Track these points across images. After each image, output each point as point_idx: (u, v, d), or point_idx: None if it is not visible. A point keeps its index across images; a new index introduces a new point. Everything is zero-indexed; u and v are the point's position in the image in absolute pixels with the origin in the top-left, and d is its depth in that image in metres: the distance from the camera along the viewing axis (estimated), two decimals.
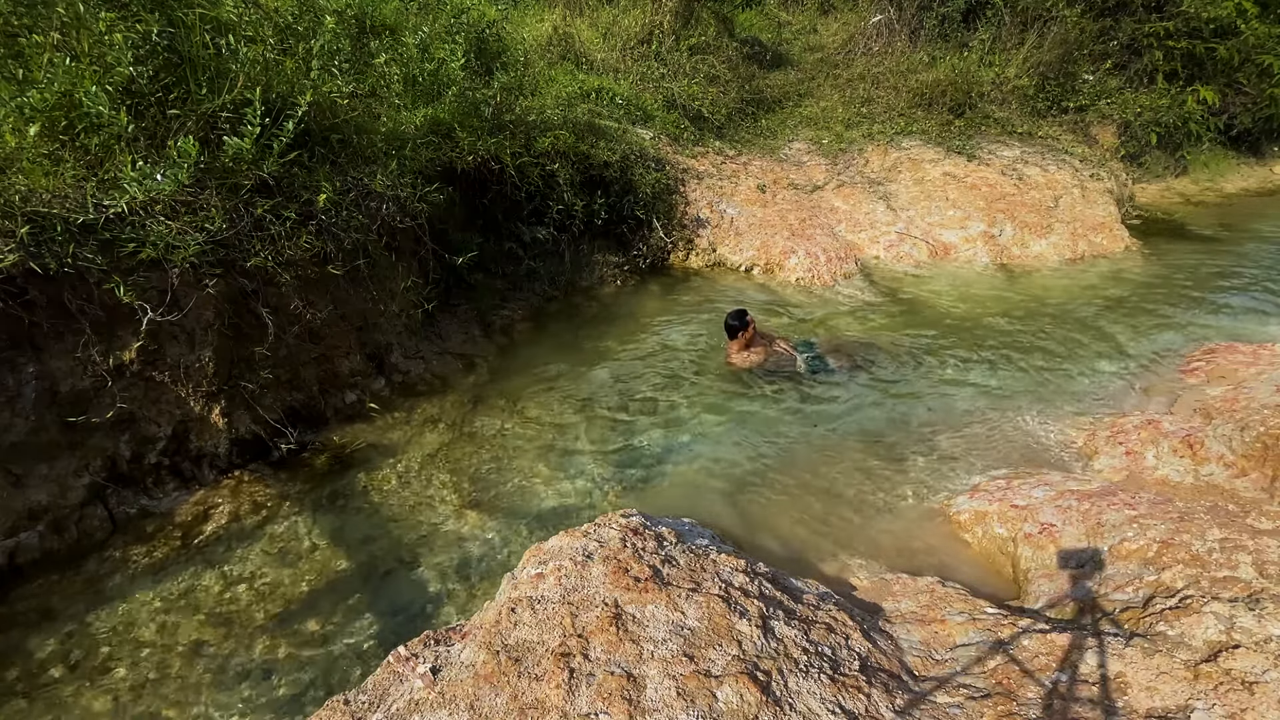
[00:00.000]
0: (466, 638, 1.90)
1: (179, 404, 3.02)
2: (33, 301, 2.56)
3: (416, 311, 4.05)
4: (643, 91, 6.78)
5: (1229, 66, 8.96)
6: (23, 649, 2.38)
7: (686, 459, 3.52)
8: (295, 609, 2.59)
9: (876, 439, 3.65)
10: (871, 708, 1.73)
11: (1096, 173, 7.20)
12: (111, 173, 2.67)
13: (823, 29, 9.33)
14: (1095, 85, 8.28)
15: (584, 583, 2.00)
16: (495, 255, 4.88)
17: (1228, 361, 4.03)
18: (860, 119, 7.62)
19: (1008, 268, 6.25)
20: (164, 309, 2.73)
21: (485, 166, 4.57)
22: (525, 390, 4.09)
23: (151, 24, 2.79)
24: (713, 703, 1.65)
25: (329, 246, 3.31)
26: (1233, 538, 2.32)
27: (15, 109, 2.53)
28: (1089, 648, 1.95)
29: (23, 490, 2.64)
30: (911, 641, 2.11)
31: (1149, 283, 5.94)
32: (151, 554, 2.79)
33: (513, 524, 3.05)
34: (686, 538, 2.37)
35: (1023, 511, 2.87)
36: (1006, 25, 8.28)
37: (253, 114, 2.85)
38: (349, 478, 3.28)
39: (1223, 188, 9.57)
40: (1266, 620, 1.90)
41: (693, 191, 6.19)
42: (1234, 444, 3.04)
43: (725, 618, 1.90)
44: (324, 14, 3.68)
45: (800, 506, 3.15)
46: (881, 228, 6.43)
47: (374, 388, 3.80)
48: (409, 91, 4.33)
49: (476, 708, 1.65)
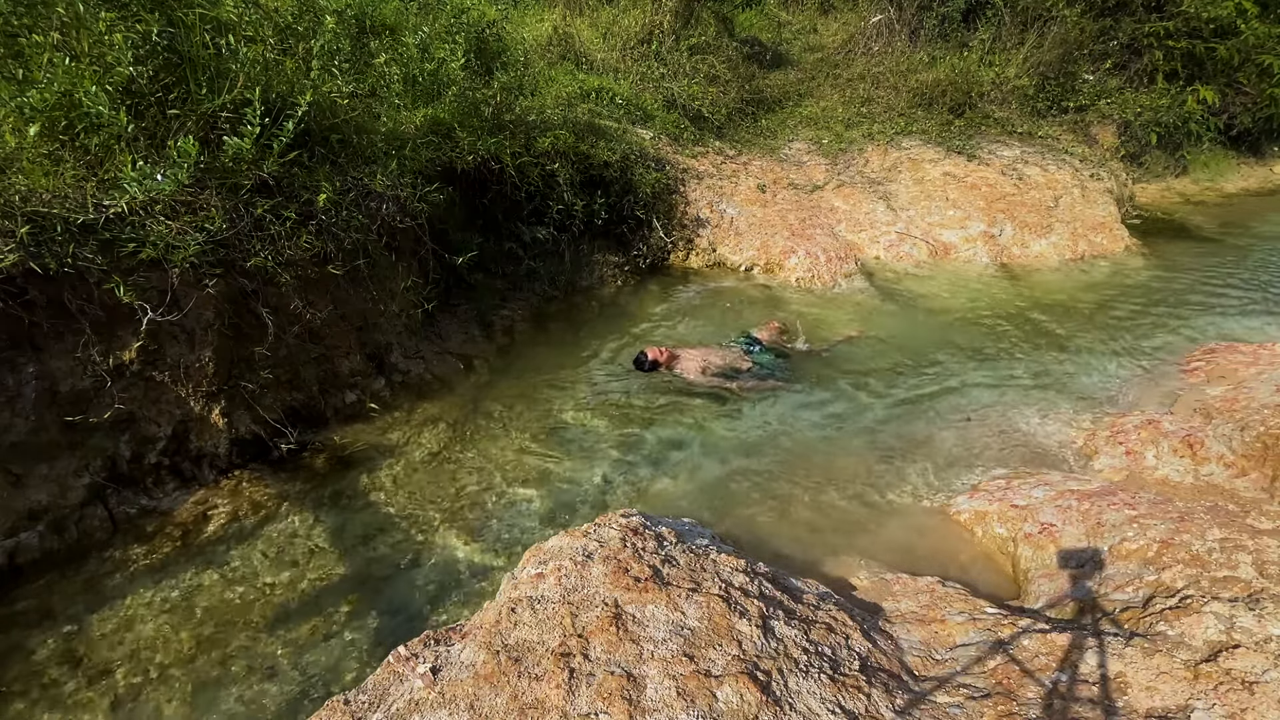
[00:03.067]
0: (466, 638, 1.90)
1: (179, 404, 3.02)
2: (33, 301, 2.56)
3: (416, 311, 4.04)
4: (643, 91, 6.78)
5: (1229, 66, 8.96)
6: (23, 649, 2.38)
7: (687, 459, 3.52)
8: (295, 609, 2.59)
9: (876, 439, 3.65)
10: (871, 708, 1.73)
11: (1096, 173, 7.19)
12: (111, 173, 2.67)
13: (823, 29, 9.32)
14: (1095, 85, 8.28)
15: (584, 583, 2.00)
16: (495, 255, 4.88)
17: (1228, 361, 4.03)
18: (860, 119, 7.61)
19: (1008, 267, 6.25)
20: (164, 309, 2.73)
21: (485, 166, 4.57)
22: (525, 390, 4.09)
23: (151, 24, 2.78)
24: (713, 703, 1.65)
25: (329, 246, 3.31)
26: (1233, 538, 2.32)
27: (15, 109, 2.53)
28: (1089, 647, 1.95)
29: (23, 490, 2.64)
30: (911, 641, 2.11)
31: (1149, 283, 5.94)
32: (151, 554, 2.79)
33: (513, 524, 3.05)
34: (686, 538, 2.37)
35: (1023, 511, 2.87)
36: (1006, 25, 8.28)
37: (253, 114, 2.85)
38: (349, 478, 3.28)
39: (1223, 188, 9.57)
40: (1266, 620, 1.90)
41: (693, 191, 6.18)
42: (1234, 444, 3.04)
43: (725, 618, 1.90)
44: (324, 14, 3.68)
45: (800, 506, 3.15)
46: (881, 228, 6.42)
47: (374, 388, 3.80)
48: (409, 91, 4.33)
49: (476, 708, 1.65)
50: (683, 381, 4.18)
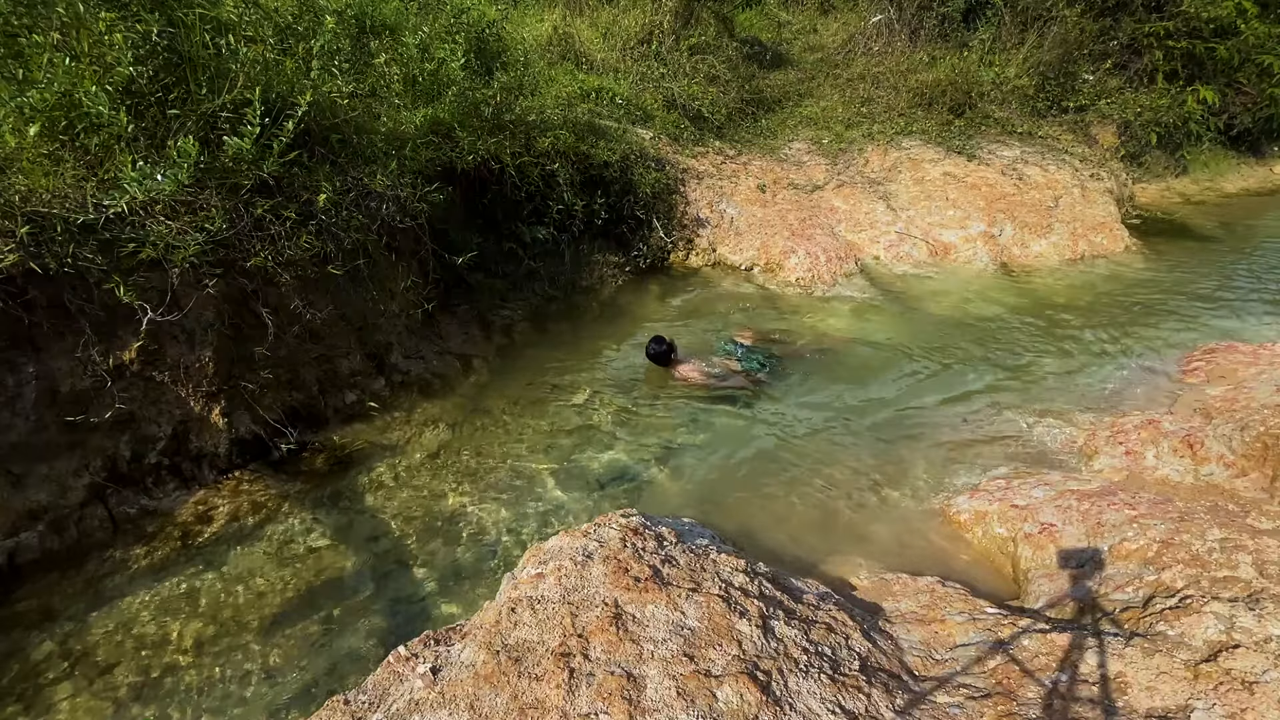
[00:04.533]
0: (466, 638, 1.90)
1: (179, 404, 3.02)
2: (33, 301, 2.56)
3: (416, 311, 4.04)
4: (643, 91, 6.78)
5: (1229, 66, 8.96)
6: (23, 649, 2.38)
7: (687, 458, 3.52)
8: (295, 609, 2.59)
9: (876, 439, 3.65)
10: (871, 707, 1.73)
11: (1096, 173, 7.19)
12: (111, 173, 2.66)
13: (823, 29, 9.32)
14: (1095, 85, 8.28)
15: (584, 583, 2.00)
16: (495, 255, 4.88)
17: (1228, 361, 4.03)
18: (860, 119, 7.61)
19: (1008, 267, 6.25)
20: (164, 309, 2.73)
21: (485, 166, 4.57)
22: (525, 390, 4.09)
23: (151, 24, 2.78)
24: (713, 703, 1.65)
25: (329, 246, 3.31)
26: (1233, 538, 2.32)
27: (15, 109, 2.53)
28: (1089, 647, 1.95)
29: (23, 490, 2.64)
30: (911, 641, 2.11)
31: (1149, 283, 5.95)
32: (151, 554, 2.79)
33: (513, 524, 3.05)
34: (686, 538, 2.37)
35: (1023, 511, 2.87)
36: (1006, 25, 8.28)
37: (253, 114, 2.85)
38: (349, 478, 3.28)
39: (1223, 187, 9.57)
40: (1266, 620, 1.90)
41: (693, 191, 6.18)
42: (1234, 444, 3.04)
43: (725, 618, 1.90)
44: (324, 14, 3.68)
45: (800, 506, 3.15)
46: (881, 227, 6.42)
47: (374, 388, 3.80)
48: (409, 91, 4.33)
49: (476, 708, 1.65)
50: (683, 385, 4.18)
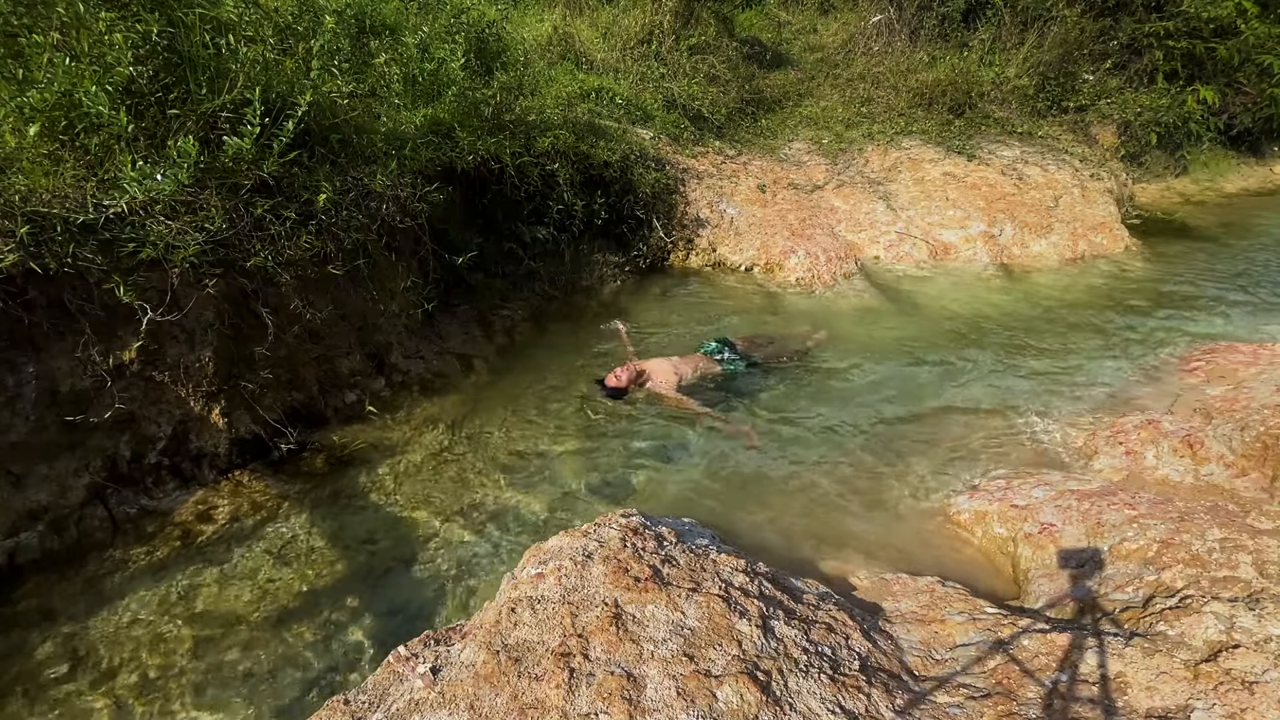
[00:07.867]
0: (466, 638, 1.90)
1: (179, 404, 3.02)
2: (33, 301, 2.55)
3: (416, 311, 4.04)
4: (643, 91, 6.78)
5: (1229, 66, 8.96)
6: (23, 649, 2.38)
7: (686, 458, 3.52)
8: (295, 609, 2.59)
9: (876, 439, 3.65)
10: (871, 707, 1.73)
11: (1096, 173, 7.19)
12: (111, 173, 2.66)
13: (823, 29, 9.32)
14: (1095, 85, 8.28)
15: (584, 583, 2.00)
16: (495, 255, 4.88)
17: (1228, 361, 4.02)
18: (860, 119, 7.61)
19: (1008, 267, 6.25)
20: (164, 309, 2.73)
21: (485, 166, 4.56)
22: (525, 390, 4.09)
23: (151, 24, 2.78)
24: (713, 703, 1.65)
25: (329, 246, 3.31)
26: (1233, 537, 2.32)
27: (15, 109, 2.53)
28: (1089, 647, 1.94)
29: (23, 490, 2.64)
30: (911, 641, 2.11)
31: (1149, 282, 5.95)
32: (151, 554, 2.79)
33: (512, 524, 3.05)
34: (686, 537, 2.37)
35: (1023, 511, 2.87)
36: (1006, 25, 8.28)
37: (253, 114, 2.85)
38: (349, 478, 3.28)
39: (1223, 188, 9.57)
40: (1266, 620, 1.90)
41: (693, 191, 6.18)
42: (1234, 444, 3.04)
43: (725, 617, 1.90)
44: (324, 14, 3.68)
45: (800, 506, 3.15)
46: (881, 227, 6.43)
47: (374, 388, 3.80)
48: (409, 91, 4.33)
49: (476, 708, 1.65)
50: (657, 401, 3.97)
